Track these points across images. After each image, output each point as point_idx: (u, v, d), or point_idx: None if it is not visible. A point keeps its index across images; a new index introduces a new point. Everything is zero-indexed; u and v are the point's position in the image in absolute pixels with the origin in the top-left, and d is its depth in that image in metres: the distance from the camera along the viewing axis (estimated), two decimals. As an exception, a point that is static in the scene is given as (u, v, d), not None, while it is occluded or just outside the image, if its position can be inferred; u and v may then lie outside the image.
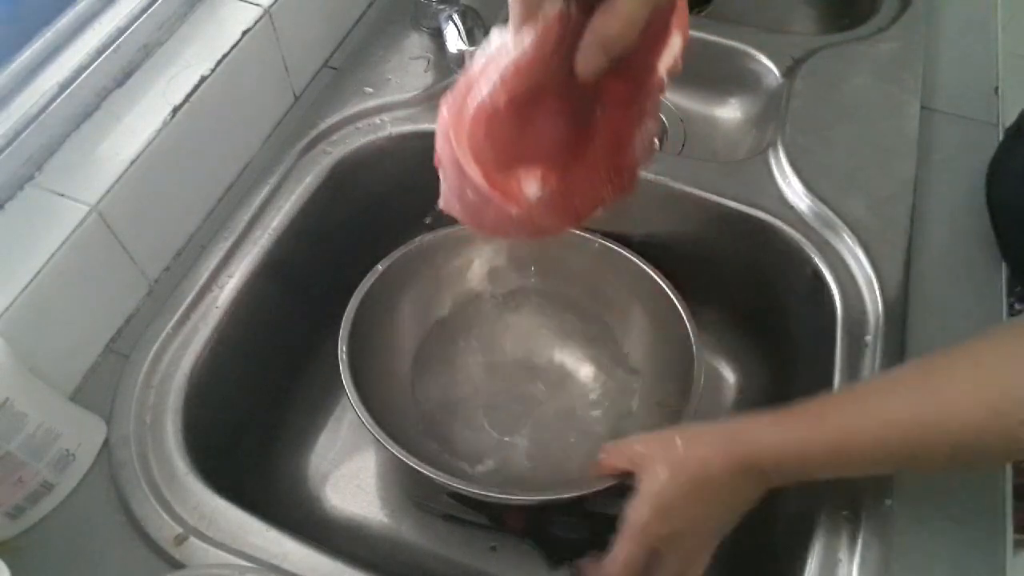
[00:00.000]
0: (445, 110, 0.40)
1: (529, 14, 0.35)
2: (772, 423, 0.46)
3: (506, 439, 0.67)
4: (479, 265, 0.72)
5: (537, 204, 0.42)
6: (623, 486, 0.51)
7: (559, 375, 0.70)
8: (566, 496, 0.54)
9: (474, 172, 0.40)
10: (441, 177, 0.44)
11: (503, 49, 0.37)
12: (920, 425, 0.42)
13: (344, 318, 0.60)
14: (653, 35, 0.39)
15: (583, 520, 0.63)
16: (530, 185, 0.42)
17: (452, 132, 0.41)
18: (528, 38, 0.36)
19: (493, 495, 0.54)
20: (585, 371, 0.70)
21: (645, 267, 0.65)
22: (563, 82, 0.38)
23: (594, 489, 0.53)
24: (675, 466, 0.47)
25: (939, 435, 0.42)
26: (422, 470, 0.52)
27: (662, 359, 0.66)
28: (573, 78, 0.37)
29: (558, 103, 0.40)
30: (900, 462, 0.47)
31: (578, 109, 0.42)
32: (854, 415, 0.45)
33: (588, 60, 0.35)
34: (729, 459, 0.46)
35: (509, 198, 0.41)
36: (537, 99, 0.39)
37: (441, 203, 0.46)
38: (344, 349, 0.58)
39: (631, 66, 0.40)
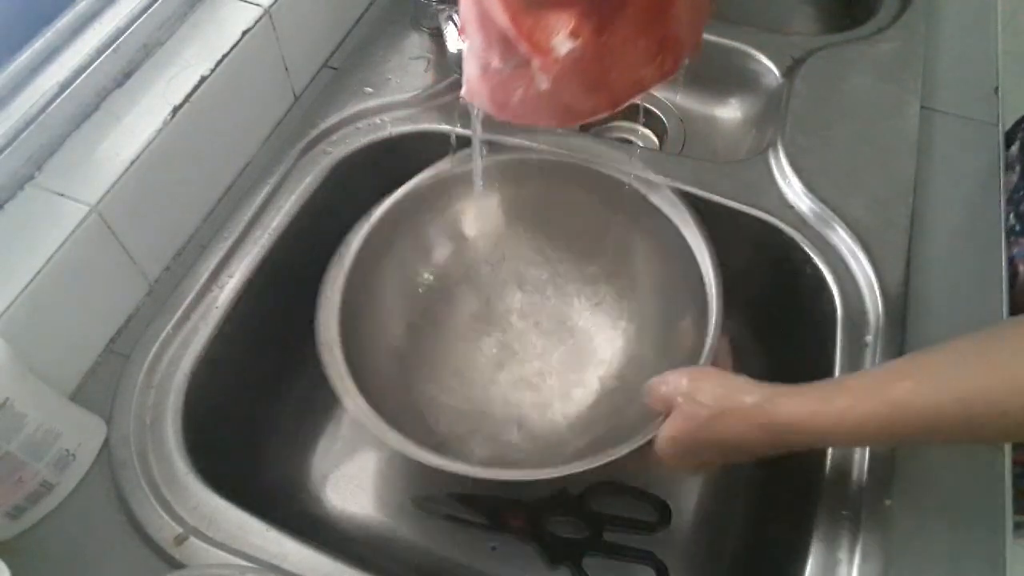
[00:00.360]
0: None
1: None
2: (812, 400, 0.45)
3: (509, 413, 0.66)
4: (471, 217, 0.70)
5: (567, 61, 0.37)
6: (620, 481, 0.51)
7: (563, 338, 0.70)
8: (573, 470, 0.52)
9: (500, 13, 0.36)
10: (465, 53, 0.41)
11: None
12: (959, 409, 0.41)
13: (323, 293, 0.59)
14: None
15: (583, 520, 0.63)
16: (559, 36, 0.38)
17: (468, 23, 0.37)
18: None
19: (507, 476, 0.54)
20: (591, 331, 0.70)
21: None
22: None
23: (599, 462, 0.51)
24: (702, 423, 0.48)
25: (974, 417, 0.41)
26: (432, 462, 0.52)
27: (675, 299, 0.64)
28: None
29: None
30: (932, 439, 0.47)
31: None
32: (894, 397, 0.42)
33: None
34: (759, 430, 0.46)
35: (536, 48, 0.37)
36: None
37: (464, 91, 0.42)
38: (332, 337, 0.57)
39: None
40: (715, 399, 0.48)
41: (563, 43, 0.37)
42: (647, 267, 0.68)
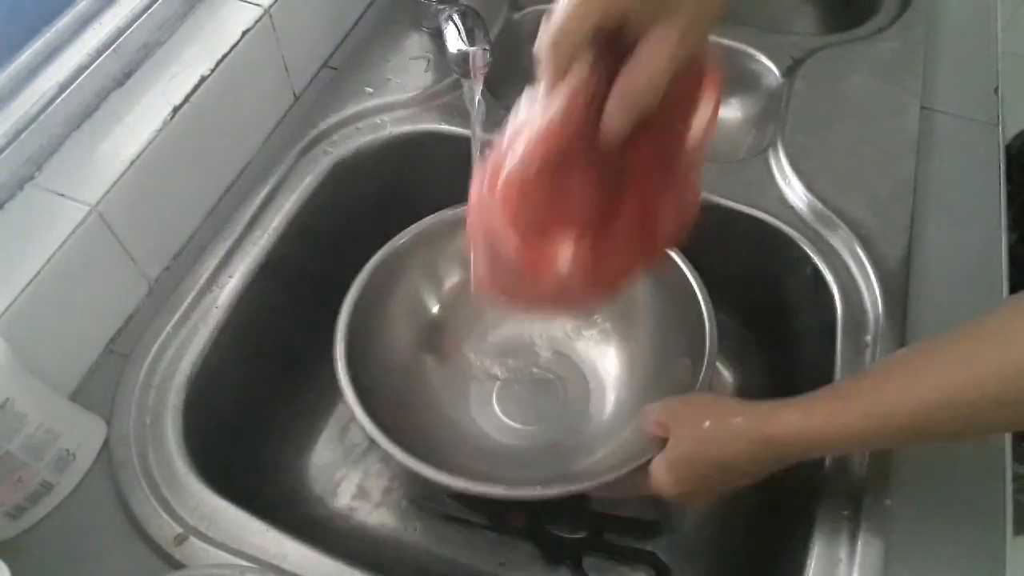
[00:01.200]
0: (475, 185, 0.41)
1: (559, 75, 0.36)
2: (800, 411, 0.46)
3: (512, 426, 0.67)
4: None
5: (569, 276, 0.42)
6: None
7: (566, 360, 0.70)
8: (571, 490, 0.54)
9: (510, 239, 0.40)
10: (472, 256, 0.45)
11: (532, 116, 0.38)
12: (947, 405, 0.42)
13: (341, 313, 0.60)
14: (679, 100, 0.39)
15: (585, 520, 0.63)
16: (563, 256, 0.43)
17: (487, 201, 0.41)
18: (558, 100, 0.36)
19: (497, 493, 0.54)
20: (592, 355, 0.70)
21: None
22: (591, 147, 0.38)
23: (595, 483, 0.53)
24: (698, 445, 0.50)
25: (964, 411, 0.42)
26: (424, 472, 0.53)
27: (671, 331, 0.65)
28: (600, 144, 0.38)
29: (587, 169, 0.40)
30: (921, 439, 0.48)
31: (606, 175, 0.42)
32: (880, 399, 0.44)
33: (612, 118, 0.36)
34: (753, 444, 0.47)
35: (541, 270, 0.42)
36: (567, 164, 0.39)
37: (473, 286, 0.47)
38: (342, 349, 0.58)
39: (656, 132, 0.40)
40: (710, 420, 0.49)
41: (564, 265, 0.42)
42: (646, 302, 0.68)
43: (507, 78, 0.83)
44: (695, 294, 0.61)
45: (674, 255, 0.62)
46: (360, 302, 0.62)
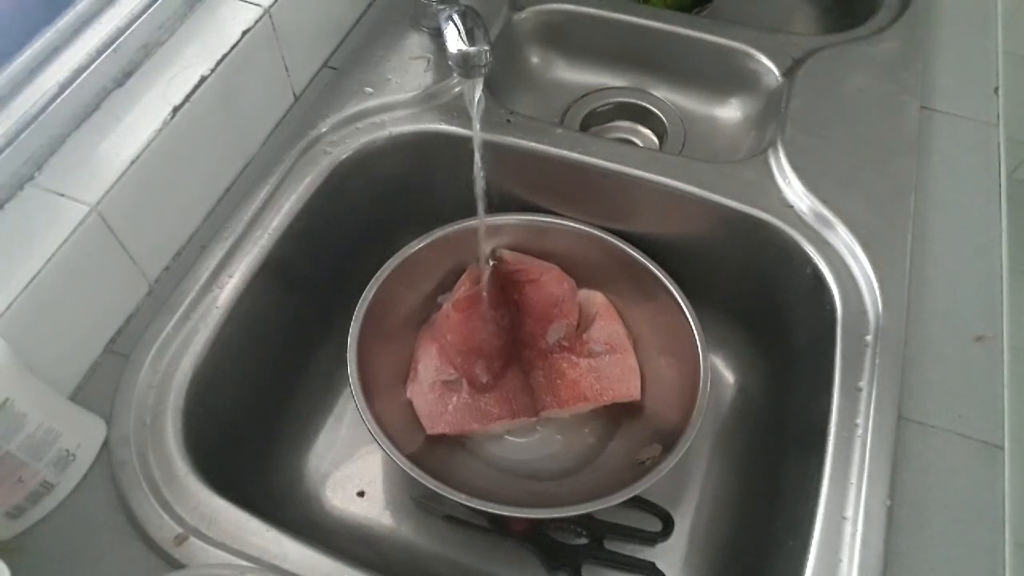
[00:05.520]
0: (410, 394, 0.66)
1: (471, 277, 0.66)
2: None
3: (514, 440, 0.67)
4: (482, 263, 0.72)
5: (487, 388, 0.66)
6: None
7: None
8: (566, 513, 0.55)
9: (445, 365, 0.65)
10: (423, 413, 0.65)
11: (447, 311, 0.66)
12: None
13: (352, 322, 0.61)
14: (546, 307, 0.67)
15: (583, 526, 0.63)
16: (483, 374, 0.66)
17: (424, 361, 0.66)
18: (468, 284, 0.66)
19: (494, 510, 0.55)
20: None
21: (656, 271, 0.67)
22: (489, 314, 0.66)
23: (596, 507, 0.54)
24: None
25: None
26: (427, 483, 0.54)
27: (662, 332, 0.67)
28: (494, 315, 0.66)
29: (489, 325, 0.66)
30: None
31: (504, 342, 0.68)
32: None
33: None
34: None
35: (472, 382, 0.66)
36: (475, 323, 0.65)
37: (428, 429, 0.64)
38: (353, 357, 0.59)
39: (528, 330, 0.68)
40: None
41: (485, 377, 0.67)
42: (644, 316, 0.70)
43: (507, 78, 0.83)
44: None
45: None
46: (372, 307, 0.62)
